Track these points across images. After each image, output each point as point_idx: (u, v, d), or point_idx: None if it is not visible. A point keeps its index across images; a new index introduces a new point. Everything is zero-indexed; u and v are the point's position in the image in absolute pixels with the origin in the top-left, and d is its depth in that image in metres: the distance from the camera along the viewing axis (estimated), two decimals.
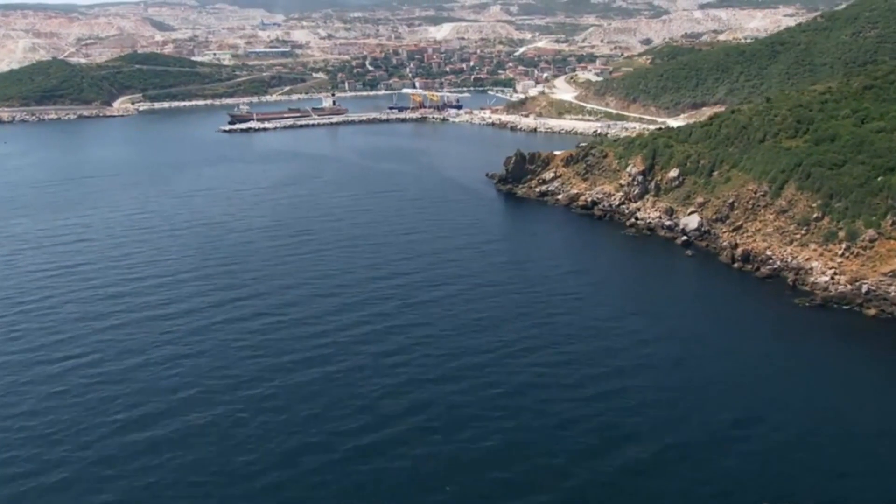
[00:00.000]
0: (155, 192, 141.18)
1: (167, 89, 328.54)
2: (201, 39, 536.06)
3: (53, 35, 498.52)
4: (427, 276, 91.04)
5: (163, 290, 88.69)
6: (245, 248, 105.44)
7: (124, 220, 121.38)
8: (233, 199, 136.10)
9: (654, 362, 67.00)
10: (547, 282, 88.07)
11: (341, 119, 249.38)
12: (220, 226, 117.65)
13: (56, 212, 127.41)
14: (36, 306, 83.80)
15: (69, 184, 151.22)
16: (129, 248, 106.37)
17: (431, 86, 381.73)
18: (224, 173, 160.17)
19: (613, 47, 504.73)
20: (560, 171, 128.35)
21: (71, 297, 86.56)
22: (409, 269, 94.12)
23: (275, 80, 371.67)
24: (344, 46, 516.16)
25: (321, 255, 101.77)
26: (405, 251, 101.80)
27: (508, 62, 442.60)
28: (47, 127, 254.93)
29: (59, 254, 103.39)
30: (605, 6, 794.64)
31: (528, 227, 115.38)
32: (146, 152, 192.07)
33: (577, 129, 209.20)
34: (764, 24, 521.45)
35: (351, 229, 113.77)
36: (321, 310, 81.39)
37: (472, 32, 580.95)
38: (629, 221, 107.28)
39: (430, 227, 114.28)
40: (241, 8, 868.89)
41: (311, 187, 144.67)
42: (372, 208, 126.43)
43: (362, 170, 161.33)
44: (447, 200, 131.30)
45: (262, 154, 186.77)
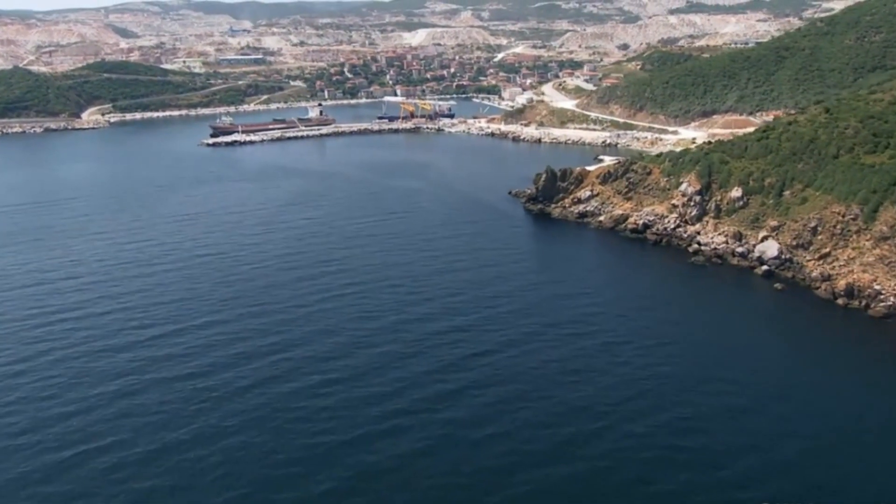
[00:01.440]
0: (147, 217, 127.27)
1: (138, 99, 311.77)
2: (168, 46, 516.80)
3: (10, 42, 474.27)
4: (486, 317, 79.92)
5: (179, 341, 75.90)
6: (264, 284, 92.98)
7: (118, 252, 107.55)
8: (236, 223, 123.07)
9: (805, 452, 57.02)
10: (624, 322, 77.72)
11: (330, 130, 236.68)
12: (230, 256, 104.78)
13: (37, 243, 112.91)
14: (25, 367, 70.25)
15: (47, 208, 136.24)
16: (128, 285, 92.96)
17: (413, 93, 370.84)
18: (219, 193, 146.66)
19: (592, 52, 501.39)
20: (597, 188, 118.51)
21: (68, 354, 73.20)
22: (461, 307, 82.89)
23: (251, 89, 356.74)
24: (317, 53, 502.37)
25: (353, 290, 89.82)
26: (449, 285, 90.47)
27: (489, 68, 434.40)
28: (12, 141, 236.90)
29: (46, 296, 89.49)
30: (577, 11, 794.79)
31: (574, 254, 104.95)
32: (126, 170, 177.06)
33: (585, 140, 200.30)
34: (738, 28, 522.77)
35: (379, 259, 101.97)
36: (375, 362, 69.68)
37: (448, 38, 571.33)
38: (691, 247, 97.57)
39: (465, 255, 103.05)
40: (207, 14, 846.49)
41: (321, 209, 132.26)
42: (395, 233, 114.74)
43: (371, 187, 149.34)
44: (474, 222, 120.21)
45: (255, 170, 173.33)
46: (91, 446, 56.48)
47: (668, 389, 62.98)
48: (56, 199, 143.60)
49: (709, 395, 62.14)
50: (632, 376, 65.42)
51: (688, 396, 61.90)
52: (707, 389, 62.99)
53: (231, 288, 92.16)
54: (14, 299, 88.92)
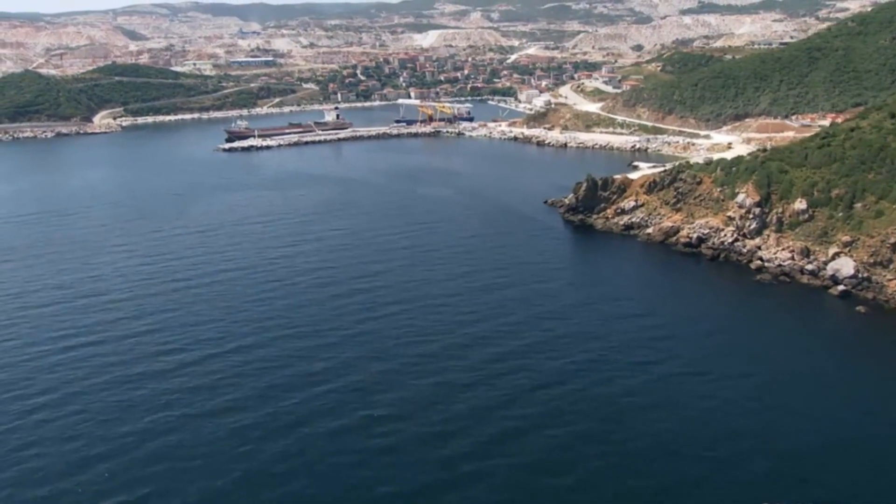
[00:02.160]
0: (169, 228, 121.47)
1: (150, 103, 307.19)
2: (178, 49, 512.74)
3: (20, 45, 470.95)
4: (543, 340, 73.53)
5: (212, 369, 69.86)
6: (297, 302, 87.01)
7: (139, 267, 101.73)
8: (261, 235, 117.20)
9: None
10: (695, 348, 71.42)
11: (348, 134, 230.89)
12: (258, 271, 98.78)
13: (53, 256, 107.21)
14: (45, 401, 64.34)
15: (62, 218, 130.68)
16: (152, 305, 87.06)
17: (427, 95, 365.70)
18: (240, 202, 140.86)
19: (606, 54, 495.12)
20: (642, 198, 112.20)
21: (91, 385, 67.21)
22: (514, 329, 76.66)
23: (263, 92, 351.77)
24: (328, 55, 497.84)
25: (395, 310, 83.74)
26: (497, 304, 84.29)
27: (503, 70, 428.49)
28: (23, 147, 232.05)
29: (65, 317, 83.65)
30: (587, 12, 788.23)
31: (625, 269, 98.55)
32: (142, 176, 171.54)
33: (613, 144, 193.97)
34: (754, 28, 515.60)
35: (418, 274, 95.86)
36: (429, 395, 63.49)
37: (460, 40, 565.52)
38: (753, 263, 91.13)
39: (508, 269, 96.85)
40: (215, 16, 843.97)
41: (349, 218, 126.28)
42: (431, 245, 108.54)
43: (399, 196, 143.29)
44: (512, 233, 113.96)
45: (275, 177, 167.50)
46: (125, 499, 50.51)
47: (764, 429, 56.60)
48: (71, 208, 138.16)
49: (812, 433, 55.82)
50: (721, 412, 59.12)
51: (788, 435, 55.58)
52: (806, 427, 56.68)
53: (262, 307, 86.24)
54: (30, 321, 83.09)
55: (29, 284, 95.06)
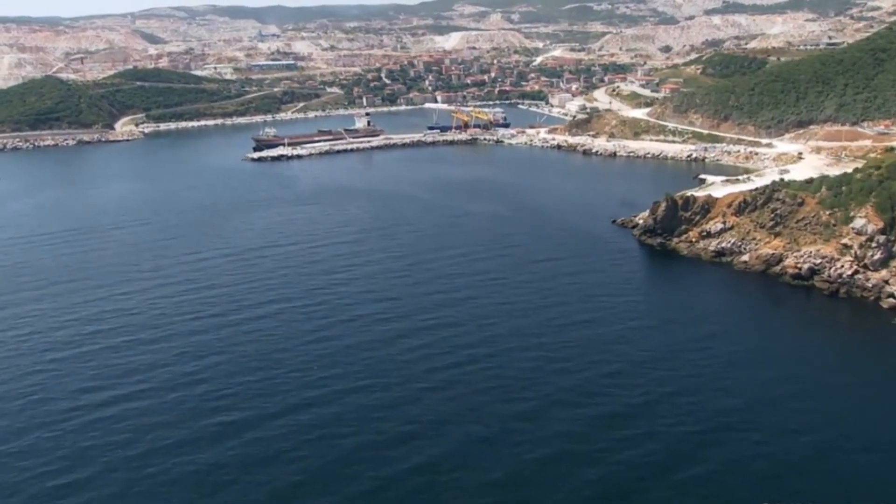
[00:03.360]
0: (205, 251, 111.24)
1: (172, 108, 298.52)
2: (197, 52, 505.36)
3: (39, 49, 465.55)
4: (654, 399, 62.36)
5: (273, 434, 59.36)
6: (358, 344, 76.36)
7: (176, 299, 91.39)
8: (307, 260, 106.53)
9: None
10: (841, 414, 60.00)
11: (380, 142, 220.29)
12: (309, 305, 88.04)
13: (79, 285, 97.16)
14: (69, 480, 53.97)
15: (88, 238, 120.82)
16: (195, 347, 76.69)
17: (454, 99, 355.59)
18: (278, 220, 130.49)
19: (633, 55, 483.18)
20: (730, 220, 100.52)
21: (134, 453, 56.91)
22: (622, 386, 65.52)
23: (287, 97, 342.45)
24: (349, 58, 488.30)
25: (474, 353, 72.97)
26: (590, 349, 73.18)
27: (530, 73, 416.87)
28: (45, 156, 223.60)
29: (96, 365, 73.23)
30: (609, 13, 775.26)
31: (727, 305, 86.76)
32: (169, 189, 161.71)
33: (666, 153, 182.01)
34: (786, 28, 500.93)
35: (491, 309, 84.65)
36: (539, 472, 52.50)
37: (483, 42, 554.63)
38: (883, 301, 79.31)
39: (591, 304, 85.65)
40: (232, 19, 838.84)
41: (399, 239, 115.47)
42: (499, 273, 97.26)
43: (449, 213, 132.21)
44: (583, 257, 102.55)
45: (311, 190, 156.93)
46: None
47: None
48: (97, 226, 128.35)
49: None
50: None
51: None
52: None
53: (320, 349, 75.66)
54: (55, 367, 72.91)
55: (51, 320, 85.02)
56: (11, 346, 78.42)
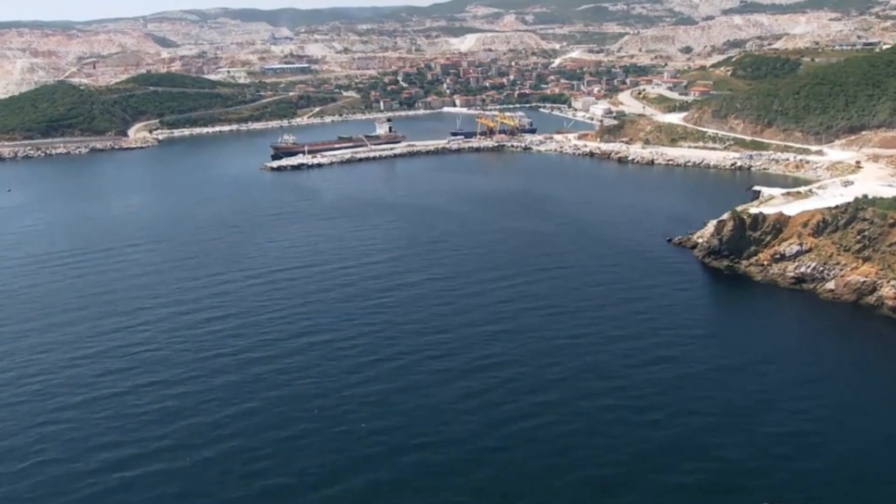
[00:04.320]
0: (229, 273, 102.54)
1: (186, 114, 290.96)
2: (210, 56, 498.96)
3: (52, 54, 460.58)
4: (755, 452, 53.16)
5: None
6: (410, 389, 67.62)
7: (205, 332, 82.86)
8: (342, 285, 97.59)
9: None
10: None
11: (403, 149, 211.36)
12: (356, 342, 79.10)
13: (95, 312, 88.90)
14: None
15: (103, 258, 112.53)
16: (231, 398, 68.08)
17: (472, 103, 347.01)
18: (308, 237, 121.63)
19: (654, 56, 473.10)
20: (808, 241, 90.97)
21: None
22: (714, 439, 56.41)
23: (302, 101, 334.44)
24: (363, 60, 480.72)
25: (539, 400, 64.06)
26: (688, 399, 64.06)
27: (549, 75, 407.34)
28: (57, 165, 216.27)
29: (115, 420, 64.60)
30: (625, 13, 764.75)
31: (820, 342, 77.30)
32: (186, 202, 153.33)
33: (708, 161, 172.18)
34: (810, 28, 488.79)
35: (557, 347, 75.66)
36: None
37: (499, 43, 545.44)
38: None
39: (670, 339, 76.69)
40: (244, 22, 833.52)
41: (439, 261, 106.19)
42: (556, 302, 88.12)
43: (487, 230, 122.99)
44: (645, 283, 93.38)
45: (336, 203, 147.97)
46: None
47: None
48: (111, 245, 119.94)
49: None
50: None
51: None
52: None
53: (365, 397, 66.98)
54: (69, 415, 64.57)
55: (60, 357, 76.63)
56: (14, 389, 70.10)
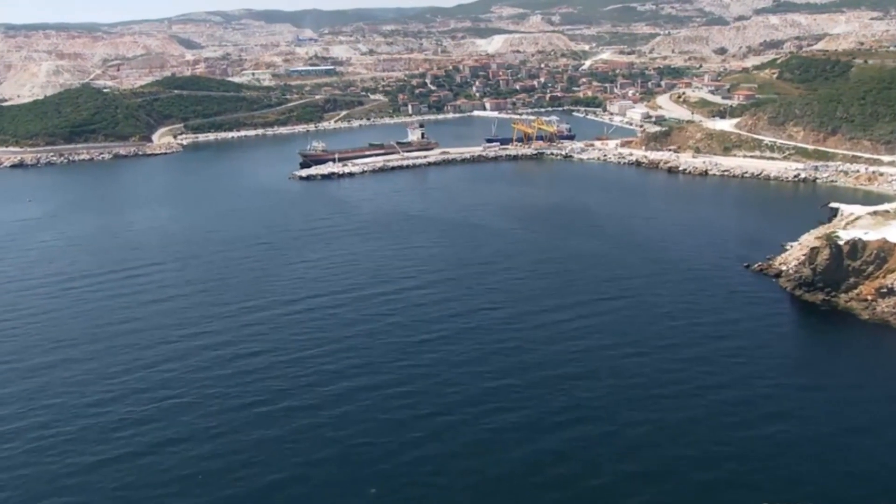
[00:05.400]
0: (264, 299, 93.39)
1: (211, 118, 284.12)
2: (234, 58, 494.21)
3: (77, 56, 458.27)
4: None
5: None
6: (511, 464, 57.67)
7: (241, 370, 73.84)
8: (391, 309, 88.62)
9: None
10: None
11: (437, 157, 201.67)
12: (416, 387, 69.68)
13: (112, 347, 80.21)
14: None
15: (124, 279, 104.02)
16: (272, 449, 58.73)
17: (503, 106, 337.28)
18: (346, 257, 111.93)
19: (687, 58, 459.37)
20: None
21: None
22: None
23: (329, 105, 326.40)
24: (388, 62, 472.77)
25: (676, 486, 53.82)
26: (838, 484, 53.55)
27: (580, 77, 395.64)
28: (79, 172, 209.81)
29: (132, 486, 55.69)
30: (654, 13, 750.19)
31: None
32: (213, 215, 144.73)
33: (768, 173, 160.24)
34: (851, 28, 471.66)
35: (663, 404, 65.33)
36: None
37: (527, 45, 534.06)
38: None
39: (774, 391, 66.17)
40: (268, 23, 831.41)
41: (501, 289, 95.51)
42: (631, 339, 77.76)
43: (543, 250, 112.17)
44: (727, 317, 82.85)
45: (375, 219, 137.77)
46: None
47: None
48: (135, 264, 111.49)
49: None
50: None
51: None
52: None
53: (429, 462, 57.13)
54: (80, 480, 55.59)
55: (75, 402, 67.75)
56: (19, 444, 61.30)
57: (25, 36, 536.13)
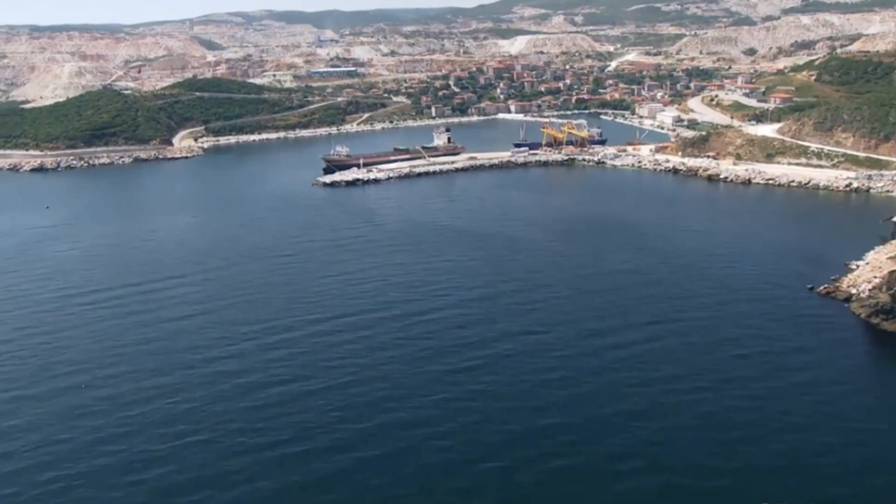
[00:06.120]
0: (294, 321, 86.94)
1: (232, 120, 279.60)
2: (255, 59, 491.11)
3: (100, 57, 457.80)
4: None
5: None
6: None
7: (270, 408, 67.32)
8: (428, 332, 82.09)
9: None
10: None
11: (465, 162, 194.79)
12: (466, 436, 62.88)
13: (131, 372, 74.31)
14: None
15: (142, 297, 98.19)
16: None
17: (528, 109, 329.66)
18: (375, 273, 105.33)
19: (716, 59, 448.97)
20: None
21: None
22: None
23: (351, 107, 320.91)
24: (410, 63, 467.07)
25: None
26: None
27: (606, 79, 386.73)
28: (99, 176, 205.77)
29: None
30: (679, 13, 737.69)
31: None
32: (235, 224, 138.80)
33: (817, 181, 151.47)
34: (886, 28, 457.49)
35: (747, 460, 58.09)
36: None
37: (551, 45, 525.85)
38: None
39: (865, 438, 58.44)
40: (289, 24, 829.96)
41: (545, 314, 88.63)
42: (702, 373, 70.39)
43: (587, 268, 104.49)
44: (795, 342, 75.45)
45: (402, 228, 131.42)
46: None
47: None
48: (155, 278, 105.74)
49: None
50: None
51: None
52: None
53: None
54: None
55: (83, 439, 61.72)
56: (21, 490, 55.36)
57: (49, 37, 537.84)
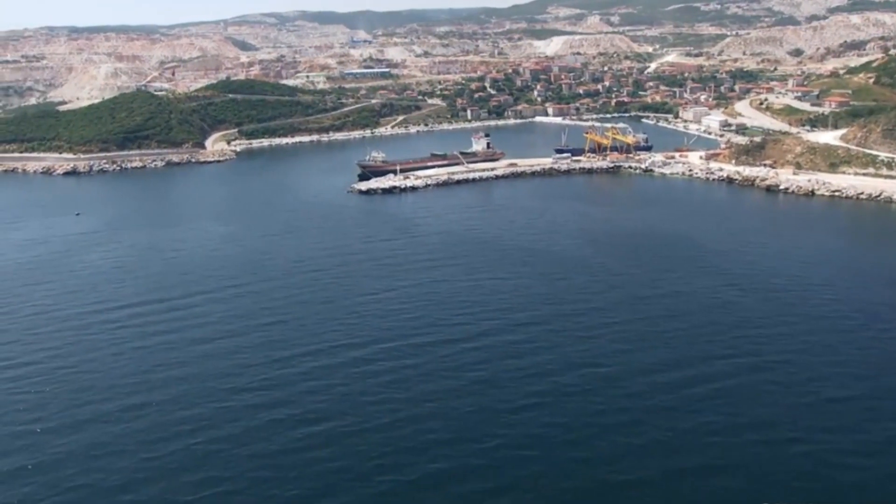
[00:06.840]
0: (334, 345, 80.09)
1: (265, 123, 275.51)
2: (288, 60, 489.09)
3: (136, 58, 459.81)
4: None
5: None
6: None
7: (312, 456, 60.38)
8: (478, 362, 74.02)
9: None
10: None
11: (505, 169, 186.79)
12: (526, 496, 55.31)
13: (158, 405, 68.01)
14: None
15: (174, 315, 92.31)
16: None
17: (567, 112, 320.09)
18: (414, 293, 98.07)
19: (760, 60, 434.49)
20: None
21: None
22: None
23: (385, 109, 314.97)
24: (444, 64, 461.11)
25: None
26: None
27: (646, 81, 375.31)
28: (131, 181, 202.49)
29: None
30: (719, 13, 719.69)
31: None
32: (268, 234, 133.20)
33: (890, 194, 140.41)
34: None
35: None
36: None
37: (588, 46, 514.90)
38: None
39: None
40: (322, 24, 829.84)
41: (604, 341, 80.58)
42: (805, 433, 61.51)
43: (647, 289, 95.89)
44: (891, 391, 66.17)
45: (443, 241, 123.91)
46: None
47: None
48: (185, 294, 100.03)
49: None
50: None
51: None
52: None
53: None
54: None
55: (105, 482, 55.32)
56: None
57: (87, 38, 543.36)
